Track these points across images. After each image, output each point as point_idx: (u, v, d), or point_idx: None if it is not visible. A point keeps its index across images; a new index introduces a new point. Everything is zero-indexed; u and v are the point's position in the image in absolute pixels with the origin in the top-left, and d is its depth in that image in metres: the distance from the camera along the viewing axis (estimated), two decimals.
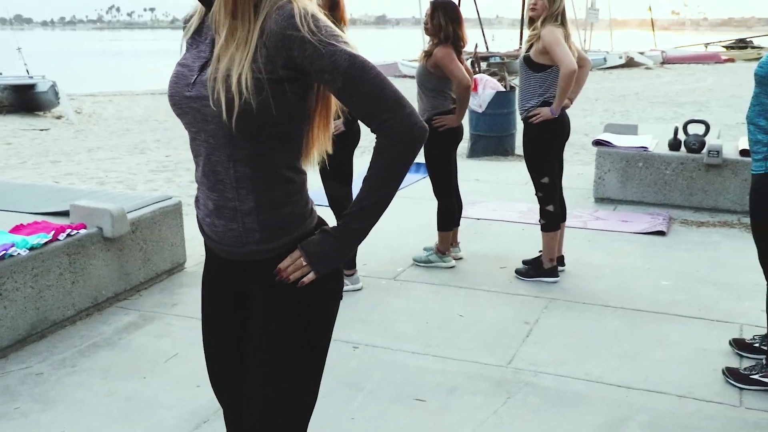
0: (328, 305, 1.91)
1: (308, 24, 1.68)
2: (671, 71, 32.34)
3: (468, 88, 4.87)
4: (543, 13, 4.63)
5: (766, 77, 3.25)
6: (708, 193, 6.71)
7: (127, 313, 4.44)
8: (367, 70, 1.71)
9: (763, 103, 3.30)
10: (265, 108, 1.73)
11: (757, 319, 4.16)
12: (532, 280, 4.96)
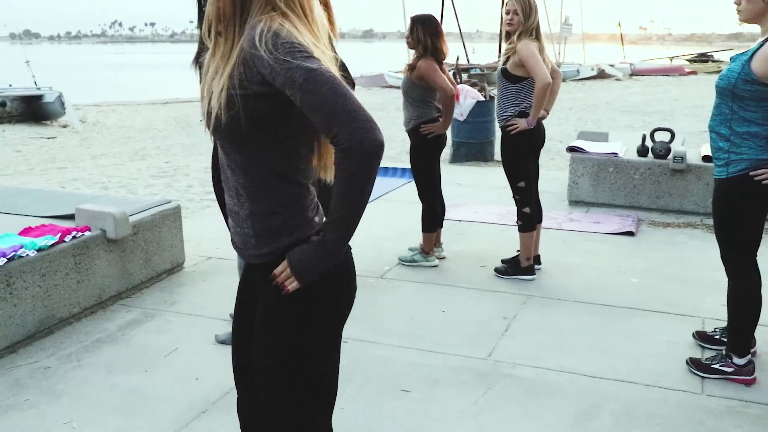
0: (318, 310, 1.84)
1: (266, 42, 1.65)
2: (639, 82, 32.50)
3: (452, 97, 4.88)
4: (519, 28, 4.64)
5: (725, 89, 3.28)
6: (673, 196, 6.75)
7: (129, 310, 4.41)
8: (321, 84, 1.62)
9: (724, 113, 3.32)
10: (234, 123, 1.73)
11: (718, 313, 4.19)
12: (511, 278, 4.96)
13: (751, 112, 3.22)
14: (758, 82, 3.15)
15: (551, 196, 7.12)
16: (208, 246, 5.63)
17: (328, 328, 1.88)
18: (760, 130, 3.23)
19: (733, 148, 3.29)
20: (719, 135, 3.35)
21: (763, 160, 3.25)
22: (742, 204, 3.33)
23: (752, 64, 3.16)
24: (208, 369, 3.65)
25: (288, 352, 1.87)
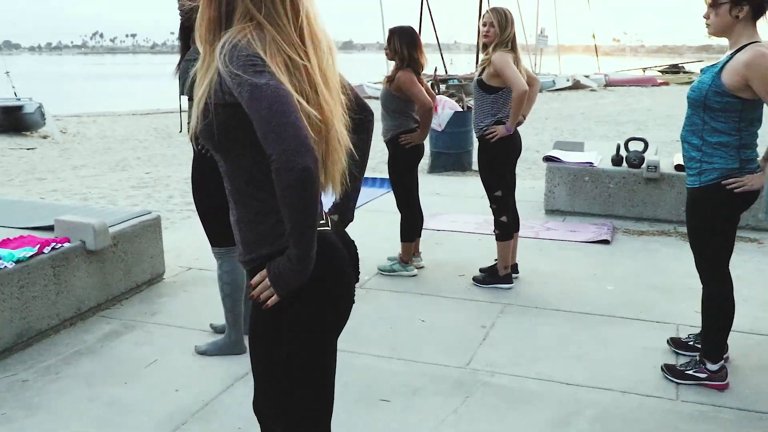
0: (299, 324, 1.81)
1: (224, 55, 1.65)
2: (613, 93, 32.78)
3: (430, 109, 4.88)
4: (495, 40, 4.66)
5: (696, 100, 3.31)
6: (647, 205, 6.80)
7: (108, 322, 4.36)
8: (261, 101, 1.59)
9: (696, 123, 3.35)
10: (208, 131, 1.75)
11: (692, 320, 4.21)
12: (489, 287, 4.97)
13: (721, 122, 3.25)
14: (728, 93, 3.19)
15: (528, 205, 7.14)
16: (189, 257, 5.58)
17: (313, 341, 1.84)
18: (730, 140, 3.27)
19: (705, 158, 3.32)
20: (691, 145, 3.38)
21: (734, 170, 3.28)
22: (714, 212, 3.36)
23: (722, 77, 3.20)
24: (188, 380, 3.61)
25: (269, 363, 1.86)
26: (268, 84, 1.61)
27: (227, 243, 3.78)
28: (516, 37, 4.73)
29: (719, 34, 3.28)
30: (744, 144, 3.28)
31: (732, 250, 3.46)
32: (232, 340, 3.89)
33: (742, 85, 3.15)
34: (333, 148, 1.81)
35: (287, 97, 1.61)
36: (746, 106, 3.21)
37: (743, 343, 4.00)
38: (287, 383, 1.86)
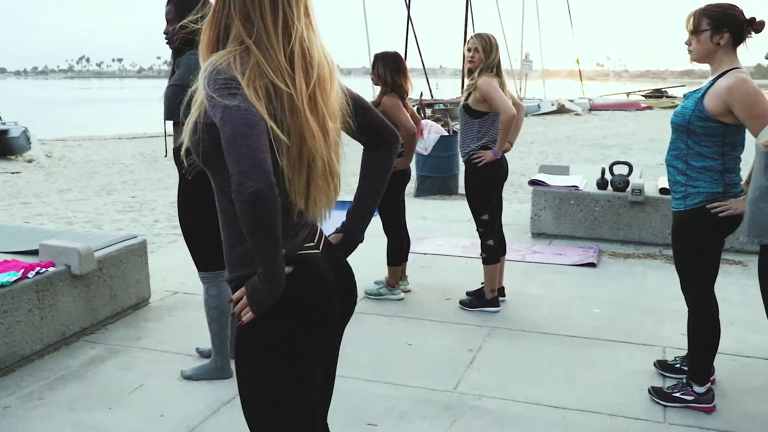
0: (273, 343, 1.81)
1: (205, 77, 1.69)
2: (598, 117, 33.07)
3: (414, 135, 4.90)
4: (480, 65, 4.70)
5: (680, 125, 3.35)
6: (633, 228, 6.84)
7: (93, 346, 4.32)
8: (228, 123, 1.61)
9: (680, 147, 3.39)
10: (195, 149, 1.80)
11: (678, 342, 4.23)
12: (476, 310, 4.96)
13: (705, 147, 3.29)
14: (711, 118, 3.23)
15: (514, 228, 7.17)
16: (175, 281, 5.55)
17: (286, 360, 1.83)
18: (714, 165, 3.30)
19: (690, 182, 3.35)
20: (676, 169, 3.41)
21: (718, 194, 3.31)
22: (699, 235, 3.39)
23: (705, 102, 3.24)
24: (173, 405, 3.57)
25: (246, 381, 1.87)
26: (238, 106, 1.62)
27: (213, 267, 3.76)
28: (501, 62, 4.77)
29: (701, 60, 3.34)
30: (728, 168, 3.32)
31: (717, 273, 3.49)
32: (218, 364, 3.86)
33: (724, 110, 3.19)
34: (317, 174, 1.80)
35: (253, 120, 1.62)
36: (729, 131, 3.25)
37: (729, 365, 4.02)
38: (263, 400, 1.87)
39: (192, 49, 3.53)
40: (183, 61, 3.54)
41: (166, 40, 3.67)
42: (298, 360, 1.85)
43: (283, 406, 1.86)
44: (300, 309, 1.82)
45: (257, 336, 1.81)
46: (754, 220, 2.82)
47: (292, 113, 1.73)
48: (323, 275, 1.88)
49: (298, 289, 1.80)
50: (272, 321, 1.79)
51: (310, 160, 1.78)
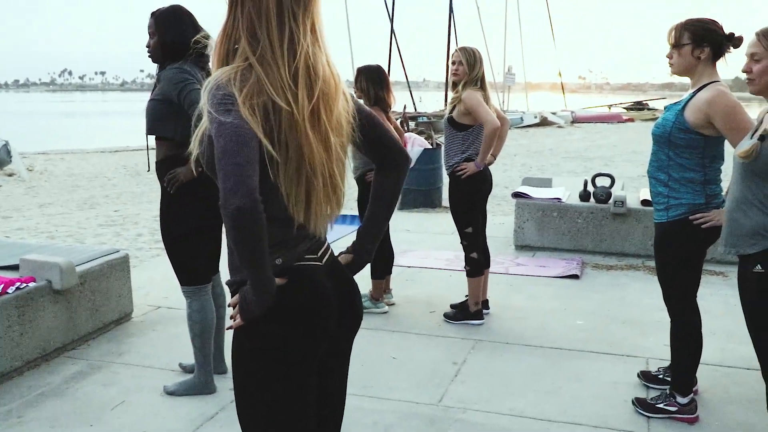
0: (267, 345, 1.83)
1: (207, 92, 1.73)
2: (580, 129, 33.29)
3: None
4: (464, 78, 4.73)
5: (661, 136, 3.39)
6: (615, 240, 6.88)
7: (74, 362, 4.27)
8: (218, 139, 1.66)
9: (661, 159, 3.42)
10: (202, 159, 1.83)
11: (661, 353, 4.25)
12: (460, 323, 4.96)
13: (686, 158, 3.33)
14: (692, 130, 3.27)
15: (498, 241, 7.18)
16: (157, 295, 5.51)
17: (278, 366, 1.85)
18: (695, 176, 3.34)
19: (672, 193, 3.38)
20: (658, 180, 3.44)
21: (700, 205, 3.34)
22: (681, 246, 3.42)
23: (685, 114, 3.28)
24: (156, 421, 3.54)
25: (240, 383, 1.90)
26: (231, 123, 1.65)
27: (196, 282, 3.75)
28: (485, 76, 4.80)
29: (682, 74, 3.38)
30: (709, 179, 3.35)
31: (699, 284, 3.51)
32: (201, 380, 3.83)
33: (705, 122, 3.23)
34: (317, 189, 1.82)
35: (245, 137, 1.65)
36: (709, 143, 3.29)
37: (712, 375, 4.04)
38: (255, 402, 1.89)
39: (174, 64, 3.53)
40: (163, 75, 3.54)
41: (149, 54, 3.67)
42: (289, 366, 1.86)
43: (274, 410, 1.87)
44: (294, 317, 1.84)
45: (252, 340, 1.84)
46: (731, 230, 2.84)
47: (291, 129, 1.75)
48: (320, 286, 1.89)
49: (294, 298, 1.83)
50: (267, 326, 1.82)
51: (310, 175, 1.80)
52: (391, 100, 5.01)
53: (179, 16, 3.61)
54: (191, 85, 3.43)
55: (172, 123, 3.54)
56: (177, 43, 3.55)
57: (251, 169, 1.64)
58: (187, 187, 3.57)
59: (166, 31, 3.58)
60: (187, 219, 3.64)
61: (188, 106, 3.40)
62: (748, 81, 2.76)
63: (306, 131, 1.76)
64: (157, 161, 3.69)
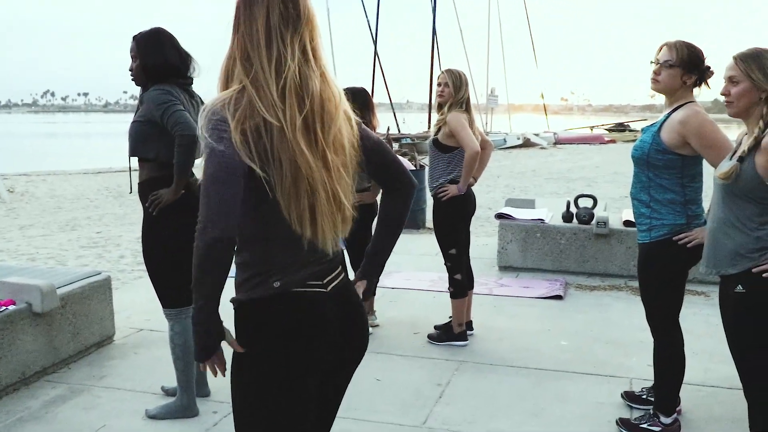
0: (262, 361, 1.90)
1: (203, 117, 1.81)
2: (563, 151, 33.54)
3: None
4: (449, 100, 4.76)
5: (640, 159, 3.43)
6: (598, 260, 6.91)
7: (54, 386, 4.22)
8: (208, 166, 1.76)
9: (642, 181, 3.46)
10: None
11: (645, 373, 4.26)
12: (444, 344, 4.96)
13: (665, 179, 3.36)
14: (669, 151, 3.31)
15: (481, 262, 7.20)
16: (139, 318, 5.47)
17: (268, 385, 1.89)
18: (676, 197, 3.37)
19: (655, 214, 3.42)
20: (640, 202, 3.48)
21: (682, 225, 3.37)
22: (665, 267, 3.44)
23: (662, 135, 3.33)
24: None
25: (233, 393, 1.97)
26: (222, 152, 1.74)
27: (179, 304, 3.72)
28: (470, 98, 4.84)
29: (664, 92, 3.41)
30: (689, 200, 3.39)
31: (682, 304, 3.53)
32: (184, 403, 3.79)
33: (680, 142, 3.28)
34: (321, 202, 1.86)
35: (233, 168, 1.75)
36: (686, 162, 3.34)
37: (695, 395, 4.05)
38: (245, 413, 1.95)
39: (156, 85, 3.54)
40: (147, 96, 3.54)
41: (132, 78, 3.67)
42: (289, 385, 1.90)
43: (261, 422, 1.92)
44: (284, 339, 1.88)
45: (247, 355, 1.91)
46: (713, 251, 2.87)
47: (282, 144, 1.79)
48: (316, 312, 1.92)
49: (288, 320, 1.88)
50: (262, 343, 1.89)
51: (310, 189, 1.83)
52: (375, 122, 5.03)
53: (160, 39, 3.62)
54: (174, 106, 3.44)
55: (154, 144, 3.54)
56: (159, 65, 3.57)
57: (235, 205, 1.75)
58: (169, 208, 3.56)
59: (148, 54, 3.59)
60: (169, 240, 3.63)
61: (172, 127, 3.41)
62: (727, 104, 2.80)
63: (299, 146, 1.80)
64: (140, 182, 3.68)
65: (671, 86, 3.36)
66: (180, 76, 3.63)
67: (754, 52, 2.73)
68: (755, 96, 2.70)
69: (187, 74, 3.69)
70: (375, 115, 5.02)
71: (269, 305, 1.88)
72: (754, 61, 2.70)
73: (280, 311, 1.87)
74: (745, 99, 2.72)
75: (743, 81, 2.71)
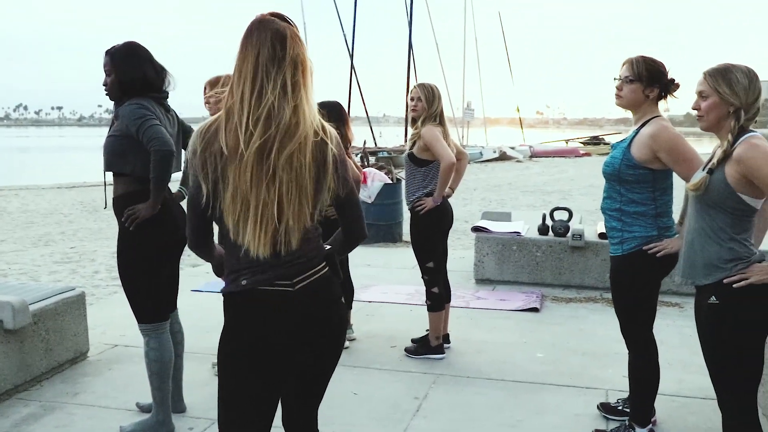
0: (224, 339, 2.23)
1: (192, 137, 2.18)
2: (539, 164, 33.80)
3: (357, 182, 4.94)
4: (423, 114, 4.78)
5: (611, 174, 3.48)
6: (574, 272, 6.96)
7: (26, 404, 4.16)
8: (190, 190, 2.20)
9: (613, 195, 3.51)
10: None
11: (621, 384, 4.29)
12: (421, 358, 4.96)
13: (637, 193, 3.41)
14: (639, 166, 3.36)
15: (458, 274, 7.22)
16: (114, 333, 5.41)
17: (234, 364, 2.22)
18: (647, 210, 3.42)
19: (626, 227, 3.46)
20: (611, 216, 3.52)
21: (653, 237, 3.42)
22: (637, 279, 3.48)
23: (632, 150, 3.38)
24: None
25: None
26: (194, 179, 2.14)
27: (154, 319, 3.69)
28: (444, 111, 4.86)
29: (628, 107, 3.49)
30: (660, 212, 3.44)
31: (655, 315, 3.57)
32: (159, 419, 3.76)
33: (651, 156, 3.33)
34: (251, 216, 2.09)
35: (198, 194, 2.12)
36: (657, 176, 3.39)
37: (669, 405, 4.09)
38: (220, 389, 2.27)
39: (132, 100, 3.52)
40: (122, 111, 3.52)
41: (106, 92, 3.65)
42: (230, 360, 2.22)
43: (225, 401, 2.25)
44: (249, 328, 2.18)
45: (223, 334, 2.24)
46: (688, 261, 2.91)
47: (232, 164, 2.06)
48: (280, 308, 2.17)
49: (252, 313, 2.17)
50: (233, 330, 2.21)
51: (242, 202, 2.08)
52: (351, 135, 5.03)
53: (135, 53, 3.60)
54: (150, 120, 3.42)
55: (130, 159, 3.52)
56: (135, 80, 3.55)
57: (200, 227, 2.23)
58: (145, 223, 3.54)
59: (125, 68, 3.56)
60: (145, 256, 3.60)
61: (147, 142, 3.39)
62: (698, 118, 2.85)
63: (245, 165, 2.05)
64: (115, 197, 3.66)
65: (633, 101, 3.43)
66: (155, 90, 3.62)
67: (722, 67, 2.78)
68: (724, 110, 2.75)
69: (162, 88, 3.67)
70: (350, 129, 5.01)
71: (238, 300, 2.18)
72: (721, 76, 2.75)
73: (246, 305, 2.17)
74: (714, 113, 2.78)
75: (711, 95, 2.76)
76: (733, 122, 2.72)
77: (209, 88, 4.39)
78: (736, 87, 2.71)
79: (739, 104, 2.71)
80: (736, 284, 2.72)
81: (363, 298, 6.38)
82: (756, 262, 2.74)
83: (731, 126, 2.73)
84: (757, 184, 2.64)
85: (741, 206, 2.71)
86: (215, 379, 4.52)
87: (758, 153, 2.63)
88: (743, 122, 2.72)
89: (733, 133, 2.71)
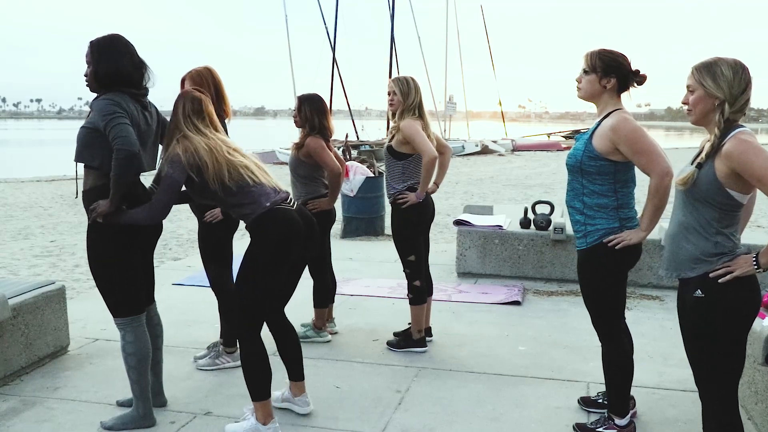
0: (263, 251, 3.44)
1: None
2: (521, 157, 33.90)
3: (339, 175, 4.92)
4: (399, 107, 4.77)
5: (574, 166, 3.50)
6: (555, 266, 7.00)
7: (5, 399, 4.12)
8: (167, 177, 3.34)
9: (576, 188, 3.53)
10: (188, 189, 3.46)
11: (601, 377, 4.29)
12: (403, 351, 4.97)
13: (598, 185, 3.44)
14: (600, 157, 3.39)
15: (440, 268, 7.24)
16: (95, 327, 5.38)
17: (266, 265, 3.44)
18: (608, 202, 3.45)
19: (589, 220, 3.49)
20: (574, 209, 3.55)
21: (614, 228, 3.45)
22: (601, 271, 3.51)
23: (593, 142, 3.41)
24: None
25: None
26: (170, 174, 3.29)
27: (129, 313, 3.66)
28: (423, 104, 4.84)
29: (587, 98, 3.53)
30: (621, 204, 3.47)
31: (624, 306, 3.60)
32: (140, 413, 3.74)
33: (611, 148, 3.36)
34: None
35: (173, 185, 3.33)
36: (619, 168, 3.42)
37: (649, 398, 4.13)
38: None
39: (105, 93, 3.48)
40: (94, 105, 3.48)
41: (86, 83, 3.61)
42: (273, 266, 3.46)
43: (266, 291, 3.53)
44: (276, 234, 3.41)
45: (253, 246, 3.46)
46: (673, 255, 2.92)
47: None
48: (291, 217, 3.47)
49: (278, 224, 3.42)
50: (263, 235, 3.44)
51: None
52: (332, 128, 5.02)
53: (115, 46, 3.56)
54: (118, 118, 3.37)
55: (99, 152, 3.47)
56: (111, 73, 3.50)
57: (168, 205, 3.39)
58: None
59: (101, 60, 3.52)
60: (111, 249, 3.57)
61: (112, 139, 3.33)
62: (687, 112, 2.87)
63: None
64: (84, 190, 3.62)
65: (591, 92, 3.47)
66: (132, 85, 3.57)
67: (709, 61, 2.80)
68: (710, 103, 2.77)
69: (141, 84, 3.63)
70: (330, 121, 5.00)
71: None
72: (706, 69, 2.77)
73: (271, 217, 3.41)
74: (701, 107, 2.79)
75: (698, 89, 2.78)
76: (719, 116, 2.74)
77: (189, 82, 4.37)
78: (720, 80, 2.72)
79: (723, 97, 2.72)
80: (722, 279, 2.74)
81: (345, 292, 6.38)
82: (741, 255, 2.77)
83: (716, 119, 2.75)
84: (747, 178, 2.65)
85: (728, 201, 2.73)
86: (197, 372, 4.52)
87: (748, 147, 2.64)
88: (729, 115, 2.72)
89: (719, 126, 2.73)
